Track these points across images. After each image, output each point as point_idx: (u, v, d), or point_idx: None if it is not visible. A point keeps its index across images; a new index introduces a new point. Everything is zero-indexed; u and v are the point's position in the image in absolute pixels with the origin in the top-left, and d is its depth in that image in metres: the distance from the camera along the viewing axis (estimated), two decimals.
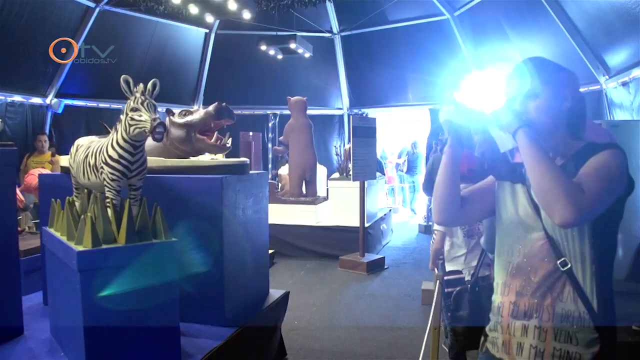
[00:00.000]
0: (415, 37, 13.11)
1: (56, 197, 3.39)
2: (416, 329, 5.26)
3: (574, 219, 1.52)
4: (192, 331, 3.36)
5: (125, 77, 2.67)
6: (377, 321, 5.64)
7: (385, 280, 7.37)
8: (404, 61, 13.79)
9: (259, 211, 4.09)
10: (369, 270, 7.69)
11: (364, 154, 7.82)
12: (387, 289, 6.88)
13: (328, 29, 13.95)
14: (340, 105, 15.01)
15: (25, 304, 3.53)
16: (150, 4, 10.49)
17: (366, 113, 14.22)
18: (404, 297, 6.48)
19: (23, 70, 10.62)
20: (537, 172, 1.59)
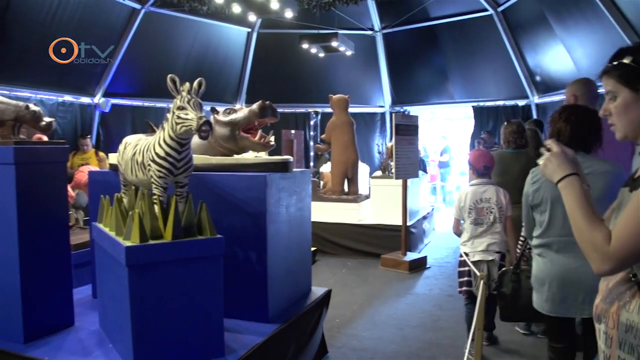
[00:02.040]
0: (458, 33, 12.95)
1: (105, 193, 3.49)
2: (459, 329, 5.19)
3: (605, 271, 1.60)
4: (236, 327, 3.39)
5: (172, 76, 2.72)
6: (419, 321, 5.59)
7: (427, 279, 7.30)
8: (446, 58, 13.65)
9: (302, 209, 4.11)
10: (411, 269, 7.62)
11: (407, 151, 7.75)
12: (429, 289, 6.81)
13: (369, 26, 13.88)
14: (382, 103, 14.93)
15: (75, 296, 3.63)
16: (194, 5, 10.65)
17: (408, 111, 14.11)
18: (446, 297, 6.40)
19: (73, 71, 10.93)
20: (572, 224, 1.69)
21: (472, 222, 4.54)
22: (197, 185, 3.34)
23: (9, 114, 3.54)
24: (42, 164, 3.32)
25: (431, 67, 14.11)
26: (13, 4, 9.04)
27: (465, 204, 4.59)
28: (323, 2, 10.95)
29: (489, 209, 4.49)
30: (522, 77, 12.26)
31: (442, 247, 9.45)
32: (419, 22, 13.24)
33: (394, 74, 14.48)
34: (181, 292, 2.81)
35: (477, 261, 4.48)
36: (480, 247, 4.49)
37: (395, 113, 8.44)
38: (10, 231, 3.18)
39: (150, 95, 12.73)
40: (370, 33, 13.96)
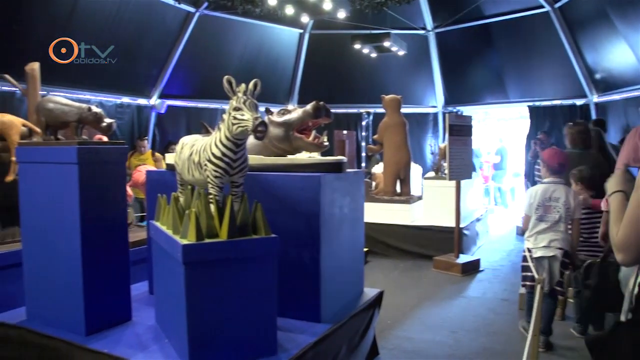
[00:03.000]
0: (513, 31, 12.66)
1: (162, 192, 3.57)
2: (513, 334, 5.09)
3: (620, 260, 2.07)
4: (288, 326, 3.41)
5: (228, 78, 2.76)
6: (472, 325, 5.49)
7: (480, 282, 7.17)
8: (501, 57, 13.37)
9: (355, 209, 4.10)
10: (464, 272, 7.51)
11: (460, 152, 7.64)
12: (483, 292, 6.68)
13: (422, 25, 13.75)
14: (435, 103, 14.75)
15: (132, 292, 3.73)
16: (247, 7, 10.79)
17: (461, 111, 13.90)
18: (500, 301, 6.27)
19: (131, 74, 11.30)
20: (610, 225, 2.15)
21: (538, 218, 4.71)
22: (251, 185, 3.38)
23: (72, 115, 3.67)
24: (103, 163, 3.43)
25: (485, 66, 13.84)
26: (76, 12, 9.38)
27: (534, 200, 4.74)
28: (375, 2, 10.92)
29: (556, 208, 4.64)
30: (580, 76, 11.87)
31: (496, 250, 9.26)
32: (473, 21, 13.03)
33: (447, 73, 14.28)
34: (235, 290, 2.85)
35: (539, 257, 4.65)
36: (542, 242, 4.66)
37: (448, 113, 8.33)
38: (73, 228, 3.30)
39: (204, 97, 12.98)
40: (423, 32, 13.82)
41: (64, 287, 3.41)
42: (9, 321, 3.61)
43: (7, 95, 9.13)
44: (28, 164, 3.61)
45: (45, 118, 3.75)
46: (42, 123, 3.79)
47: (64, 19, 9.37)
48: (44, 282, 3.56)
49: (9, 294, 3.87)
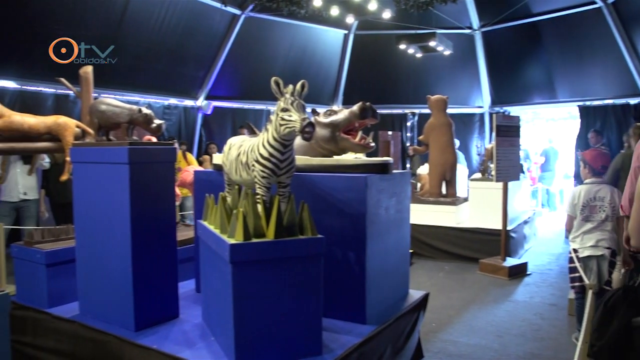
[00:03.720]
0: (563, 29, 12.36)
1: (209, 192, 3.62)
2: (562, 341, 4.96)
3: (634, 246, 2.42)
4: (333, 327, 3.42)
5: (275, 79, 2.78)
6: (518, 329, 5.38)
7: (528, 286, 7.01)
8: (550, 55, 13.05)
9: (401, 211, 4.07)
10: (511, 275, 7.36)
11: (508, 153, 7.50)
12: (530, 296, 6.54)
13: (468, 25, 13.55)
14: (481, 104, 14.52)
15: (179, 290, 3.81)
16: (292, 8, 10.85)
17: (508, 111, 13.64)
18: (549, 306, 6.12)
19: (178, 76, 11.54)
20: None
21: (583, 218, 4.75)
22: (298, 186, 3.39)
23: (123, 117, 3.76)
24: (153, 163, 3.52)
25: (534, 65, 13.53)
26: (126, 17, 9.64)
27: (579, 201, 4.76)
28: (420, 2, 10.82)
29: (602, 207, 4.67)
30: (634, 74, 11.46)
31: (543, 253, 9.05)
32: (521, 19, 12.76)
33: (494, 73, 14.03)
34: (282, 289, 2.86)
35: (587, 257, 4.68)
36: (589, 242, 4.69)
37: (495, 114, 8.18)
38: (124, 226, 3.39)
39: (250, 98, 13.14)
40: (469, 32, 13.62)
41: (115, 283, 3.51)
42: (63, 315, 3.74)
43: (61, 98, 9.45)
44: (81, 164, 3.72)
45: (97, 119, 3.86)
46: (95, 124, 3.90)
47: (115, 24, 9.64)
48: (95, 278, 3.66)
49: (63, 289, 3.99)
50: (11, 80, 8.71)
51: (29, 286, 4.10)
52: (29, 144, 4.63)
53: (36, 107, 8.80)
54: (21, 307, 3.99)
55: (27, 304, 4.01)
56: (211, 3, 10.91)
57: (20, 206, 6.79)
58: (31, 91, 9.06)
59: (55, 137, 4.70)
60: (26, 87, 8.96)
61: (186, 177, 5.33)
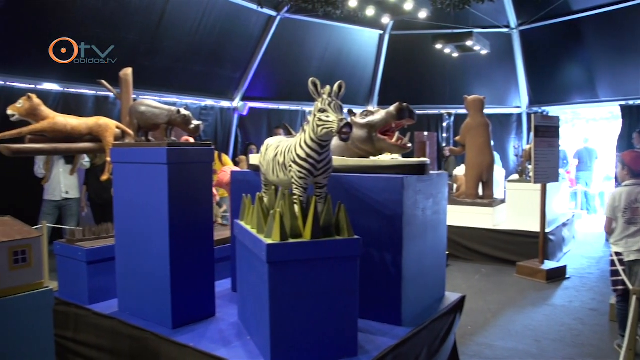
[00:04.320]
0: (604, 25, 12.06)
1: (246, 192, 3.65)
2: (603, 347, 4.85)
3: None
4: (369, 328, 3.41)
5: (313, 80, 2.78)
6: (557, 334, 5.28)
7: (566, 290, 6.87)
8: (591, 53, 12.76)
9: (438, 212, 4.04)
10: (549, 278, 7.23)
11: (547, 154, 7.36)
12: (569, 301, 6.40)
13: (505, 23, 13.36)
14: (519, 104, 14.29)
15: (216, 289, 3.84)
16: (327, 9, 10.86)
17: (547, 111, 13.39)
18: (588, 311, 5.99)
19: (214, 77, 11.67)
20: None
21: (626, 221, 4.71)
22: (334, 186, 3.39)
23: (162, 118, 3.82)
24: (191, 164, 3.56)
25: (573, 64, 13.25)
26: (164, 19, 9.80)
27: (620, 203, 4.71)
28: (457, 1, 10.70)
29: None
30: None
31: (583, 256, 8.86)
32: (560, 17, 12.51)
33: (532, 72, 13.79)
34: (318, 290, 2.86)
35: (633, 261, 4.61)
36: (635, 246, 4.64)
37: (533, 114, 8.03)
38: (162, 225, 3.45)
39: (285, 99, 13.22)
40: (506, 31, 13.43)
41: (153, 281, 3.56)
42: (103, 312, 3.83)
43: (101, 99, 9.65)
44: (121, 164, 3.79)
45: (137, 120, 3.93)
46: (135, 125, 3.97)
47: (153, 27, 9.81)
48: (134, 276, 3.73)
49: (104, 286, 4.08)
50: (54, 82, 8.94)
51: (70, 283, 4.21)
52: (71, 144, 4.73)
53: (78, 108, 9.03)
54: (64, 303, 4.10)
55: (69, 300, 4.11)
56: (247, 5, 11.00)
57: (62, 205, 6.97)
58: (73, 93, 9.28)
59: (96, 138, 4.79)
60: (68, 89, 9.19)
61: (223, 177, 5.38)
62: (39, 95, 4.63)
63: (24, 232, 2.78)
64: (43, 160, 6.42)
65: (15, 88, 8.35)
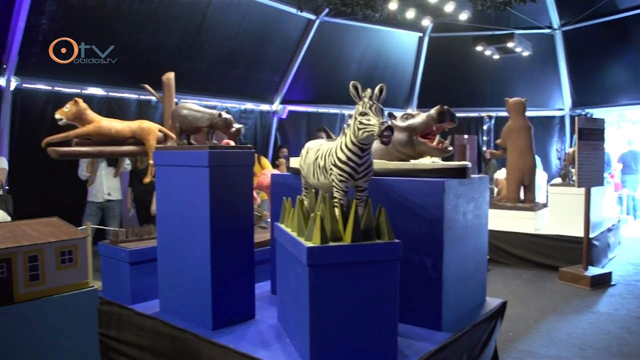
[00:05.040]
0: None
1: (286, 195, 3.66)
2: None
3: None
4: (408, 332, 3.39)
5: (354, 83, 2.78)
6: (602, 343, 5.13)
7: (612, 298, 6.68)
8: (637, 53, 12.40)
9: (479, 216, 3.98)
10: (593, 285, 7.04)
11: (591, 157, 7.19)
12: (615, 308, 6.22)
13: (548, 24, 13.10)
14: (561, 106, 13.99)
15: (255, 291, 3.87)
16: (367, 12, 10.84)
17: (591, 113, 13.07)
18: (635, 320, 5.80)
19: (254, 81, 11.79)
20: None
21: None
22: (375, 190, 3.38)
23: (204, 121, 3.87)
24: (232, 167, 3.60)
25: (619, 65, 12.90)
26: (205, 24, 9.96)
27: None
28: (498, 2, 10.54)
29: None
30: None
31: (629, 262, 8.61)
32: (605, 16, 12.20)
33: (575, 73, 13.48)
34: (358, 293, 2.85)
35: None
36: None
37: (577, 116, 7.86)
38: (204, 227, 3.49)
39: (324, 102, 13.26)
40: (549, 31, 13.17)
41: (194, 283, 3.61)
42: (145, 312, 3.90)
43: (143, 103, 9.85)
44: (164, 166, 3.86)
45: (179, 124, 3.99)
46: (177, 129, 4.03)
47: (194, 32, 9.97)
48: (175, 278, 3.78)
49: (145, 286, 4.15)
50: (98, 87, 9.16)
51: (114, 283, 4.31)
52: (115, 147, 4.84)
53: (121, 112, 9.24)
54: (107, 303, 4.19)
55: (112, 300, 4.20)
56: (287, 9, 11.08)
57: (105, 206, 7.12)
58: (116, 97, 9.50)
59: (139, 141, 4.88)
60: (112, 93, 9.41)
61: (263, 180, 5.42)
62: (84, 100, 4.75)
63: (70, 232, 2.85)
64: (86, 163, 6.58)
65: (62, 93, 8.59)
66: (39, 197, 8.11)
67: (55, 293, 2.70)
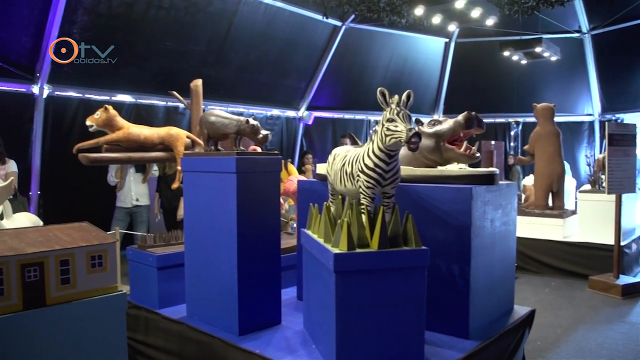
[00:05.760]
0: None
1: (312, 201, 3.67)
2: None
3: None
4: (435, 340, 3.35)
5: (381, 89, 2.77)
6: (635, 354, 5.01)
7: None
8: None
9: (507, 223, 3.94)
10: (625, 294, 6.90)
11: (621, 164, 7.05)
12: None
13: (576, 28, 12.93)
14: (590, 111, 13.78)
15: (282, 297, 3.87)
16: (393, 18, 10.84)
17: (621, 118, 12.84)
18: None
19: (280, 87, 11.86)
20: None
21: None
22: (402, 196, 3.37)
23: (232, 127, 3.90)
24: (259, 173, 3.61)
25: None
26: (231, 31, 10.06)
27: None
28: (525, 7, 10.44)
29: None
30: None
31: None
32: (636, 19, 11.99)
33: (605, 78, 13.29)
34: (385, 300, 2.84)
35: None
36: None
37: (607, 121, 7.73)
38: (231, 233, 3.51)
39: (350, 108, 13.27)
40: (577, 35, 13.00)
41: (221, 288, 3.63)
42: (172, 316, 3.93)
43: (171, 109, 9.98)
44: (192, 172, 3.89)
45: (207, 130, 4.02)
46: (205, 135, 4.07)
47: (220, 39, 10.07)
48: (202, 283, 3.81)
49: (173, 291, 4.19)
50: (127, 94, 9.31)
51: (141, 287, 4.36)
52: (144, 153, 4.89)
53: (149, 118, 9.38)
54: (135, 307, 4.24)
55: (140, 304, 4.25)
56: (313, 15, 11.13)
57: (133, 211, 7.22)
58: (145, 104, 9.64)
59: (167, 147, 4.93)
60: (140, 100, 9.55)
61: (289, 186, 5.43)
62: (114, 106, 4.82)
63: (100, 237, 2.89)
64: (115, 169, 6.68)
65: (92, 100, 8.75)
66: (70, 202, 8.27)
67: (86, 297, 2.74)
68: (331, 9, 10.63)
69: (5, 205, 4.09)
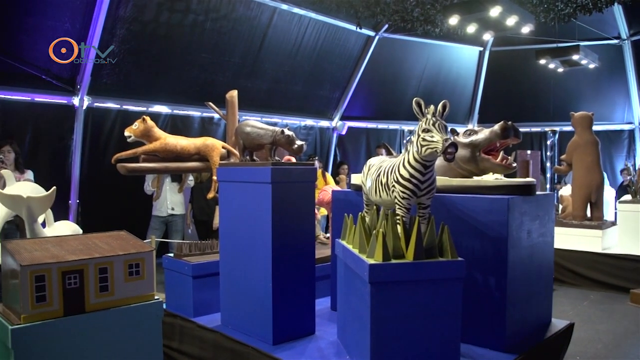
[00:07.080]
0: None
1: (347, 211, 3.67)
2: None
3: None
4: (470, 353, 3.31)
5: (417, 100, 2.77)
6: None
7: None
8: None
9: (544, 234, 3.87)
10: None
11: None
12: None
13: (615, 35, 12.67)
14: (631, 119, 13.46)
15: (315, 307, 3.88)
16: (427, 28, 10.80)
17: None
18: None
19: (314, 97, 11.93)
20: None
21: None
22: (437, 207, 3.34)
23: (267, 138, 3.93)
24: (294, 183, 3.64)
25: None
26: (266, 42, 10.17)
27: None
28: (562, 14, 10.27)
29: None
30: None
31: None
32: None
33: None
34: (420, 312, 2.82)
35: None
36: None
37: None
38: (266, 243, 3.53)
39: (384, 118, 13.26)
40: (616, 42, 12.72)
41: (255, 298, 3.65)
42: (206, 325, 3.97)
43: (206, 120, 10.12)
44: (227, 182, 3.94)
45: (242, 141, 4.06)
46: (240, 145, 4.11)
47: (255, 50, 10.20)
48: (237, 292, 3.84)
49: (207, 299, 4.24)
50: (164, 105, 9.48)
51: (177, 295, 4.42)
52: (180, 164, 4.97)
53: (185, 129, 9.53)
54: (170, 315, 4.29)
55: (175, 312, 4.30)
56: (346, 26, 11.18)
57: (168, 220, 7.33)
58: (180, 115, 9.80)
59: (203, 158, 5.00)
60: (176, 111, 9.71)
61: (323, 196, 5.43)
62: (151, 117, 4.92)
63: (138, 246, 2.94)
64: (152, 179, 6.80)
65: (129, 111, 8.93)
66: (107, 210, 8.44)
67: (123, 304, 2.80)
68: (365, 19, 10.66)
69: (47, 213, 4.20)
